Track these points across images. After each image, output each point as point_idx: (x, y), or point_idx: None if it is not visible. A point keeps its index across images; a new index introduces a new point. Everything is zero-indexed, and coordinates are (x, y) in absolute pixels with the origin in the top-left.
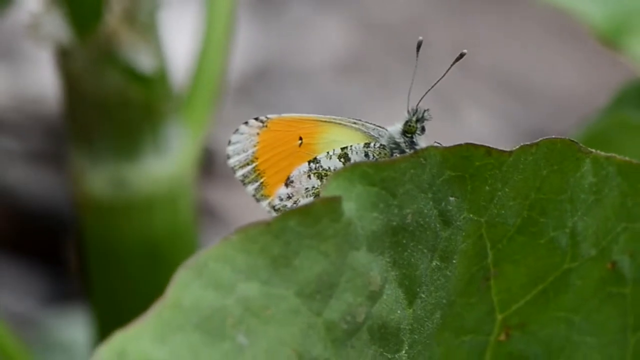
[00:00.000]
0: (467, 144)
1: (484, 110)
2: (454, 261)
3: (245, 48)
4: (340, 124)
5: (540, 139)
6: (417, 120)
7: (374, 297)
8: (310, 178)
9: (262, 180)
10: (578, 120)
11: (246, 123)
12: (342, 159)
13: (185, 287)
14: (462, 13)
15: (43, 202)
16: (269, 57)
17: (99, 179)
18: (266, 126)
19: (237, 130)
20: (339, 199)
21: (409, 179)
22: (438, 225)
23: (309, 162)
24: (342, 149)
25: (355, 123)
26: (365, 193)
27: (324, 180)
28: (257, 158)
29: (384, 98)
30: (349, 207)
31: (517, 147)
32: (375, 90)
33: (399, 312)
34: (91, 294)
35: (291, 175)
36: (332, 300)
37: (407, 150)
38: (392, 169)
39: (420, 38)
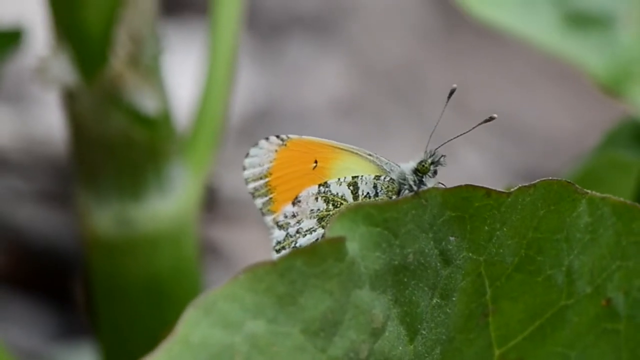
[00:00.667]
0: (466, 185)
1: (480, 151)
2: (454, 298)
3: (246, 91)
4: (356, 153)
5: (538, 180)
6: (432, 163)
7: (376, 334)
8: (317, 200)
9: (271, 195)
10: (569, 159)
11: (267, 139)
12: (351, 187)
13: (194, 325)
14: (457, 58)
15: (51, 240)
16: (269, 100)
17: (104, 218)
18: (285, 145)
19: (256, 144)
20: (343, 239)
21: (411, 219)
22: (438, 264)
23: (319, 185)
24: (353, 177)
25: (370, 155)
26: (368, 233)
27: (330, 204)
28: (270, 174)
29: (379, 139)
30: (353, 247)
31: (515, 188)
32: (371, 131)
33: (400, 348)
34: (98, 329)
35: (300, 195)
36: (336, 337)
37: (415, 188)
38: (395, 209)
39: (454, 86)
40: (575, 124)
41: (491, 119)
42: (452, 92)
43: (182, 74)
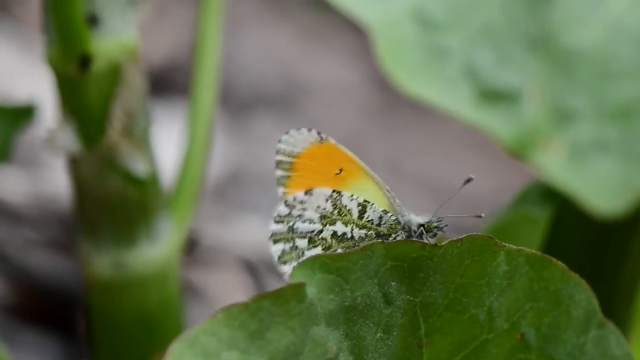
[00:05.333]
0: (405, 240)
1: (412, 208)
2: (394, 333)
3: (220, 157)
4: (377, 183)
5: (464, 235)
6: (436, 227)
7: None
8: (327, 201)
9: (291, 174)
10: (488, 215)
11: (309, 129)
12: (359, 207)
13: (179, 356)
14: (395, 130)
15: (57, 281)
16: (239, 165)
17: (102, 262)
18: (321, 143)
19: (298, 128)
20: (303, 284)
21: (359, 268)
22: (382, 305)
23: (334, 190)
24: (365, 200)
25: (388, 191)
26: (324, 280)
27: (336, 211)
28: (299, 157)
29: None
30: (311, 291)
31: (446, 242)
32: None
33: None
34: (96, 356)
35: (315, 189)
36: None
37: (414, 238)
38: (346, 260)
39: (472, 176)
40: (493, 186)
41: (468, 180)
42: (467, 180)
43: (167, 143)
